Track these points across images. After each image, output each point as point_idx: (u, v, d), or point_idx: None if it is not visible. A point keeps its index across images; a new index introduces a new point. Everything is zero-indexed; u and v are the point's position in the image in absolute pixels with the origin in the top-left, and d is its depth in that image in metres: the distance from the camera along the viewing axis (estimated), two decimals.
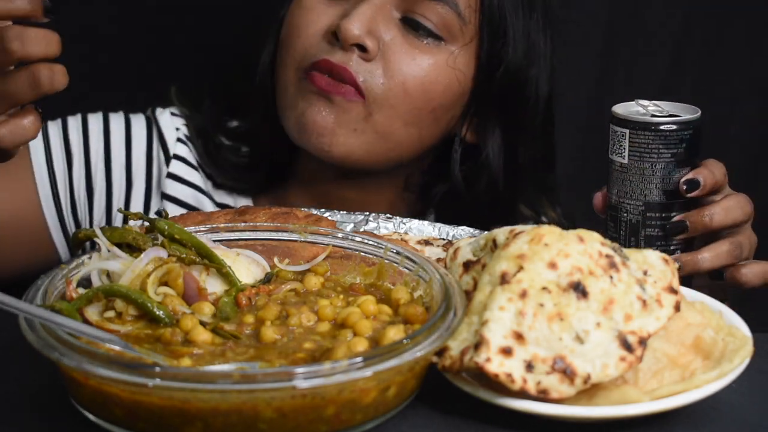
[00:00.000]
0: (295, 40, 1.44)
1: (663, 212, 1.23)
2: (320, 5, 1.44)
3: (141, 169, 1.56)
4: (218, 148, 1.56)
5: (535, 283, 0.93)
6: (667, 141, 1.21)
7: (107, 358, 0.85)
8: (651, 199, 1.23)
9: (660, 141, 1.21)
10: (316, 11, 1.44)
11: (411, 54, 1.41)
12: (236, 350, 0.94)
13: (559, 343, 0.91)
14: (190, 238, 1.04)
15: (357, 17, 1.38)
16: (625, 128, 1.22)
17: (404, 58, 1.41)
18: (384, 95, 1.41)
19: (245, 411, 0.85)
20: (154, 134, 1.58)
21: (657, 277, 0.97)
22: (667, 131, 1.21)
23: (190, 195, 1.55)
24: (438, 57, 1.42)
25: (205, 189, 1.57)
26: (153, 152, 1.57)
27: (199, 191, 1.57)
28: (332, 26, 1.41)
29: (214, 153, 1.56)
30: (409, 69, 1.41)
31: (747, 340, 0.97)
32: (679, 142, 1.21)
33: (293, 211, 1.26)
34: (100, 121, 1.57)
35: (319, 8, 1.44)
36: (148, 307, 0.97)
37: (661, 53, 2.00)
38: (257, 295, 1.04)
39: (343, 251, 1.12)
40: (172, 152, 1.57)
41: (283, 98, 1.46)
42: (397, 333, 0.95)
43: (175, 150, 1.57)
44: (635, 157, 1.23)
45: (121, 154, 1.56)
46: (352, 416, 0.89)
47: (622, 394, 0.92)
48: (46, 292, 0.97)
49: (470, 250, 1.05)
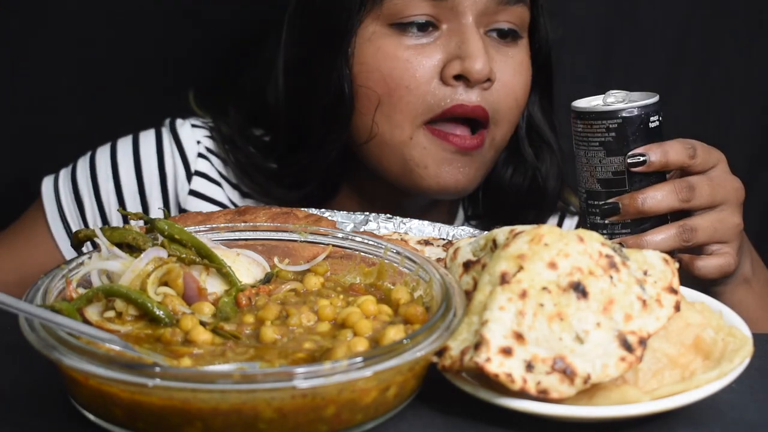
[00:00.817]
0: (405, 93, 1.38)
1: (600, 200, 1.23)
2: (417, 52, 1.39)
3: (156, 190, 1.55)
4: (248, 159, 1.54)
5: (535, 283, 0.93)
6: (594, 129, 1.22)
7: (107, 358, 0.85)
8: (590, 186, 1.24)
9: (587, 129, 1.22)
10: (417, 60, 1.39)
11: (510, 64, 1.43)
12: (236, 350, 0.94)
13: (559, 343, 0.91)
14: (190, 238, 1.04)
15: (479, 53, 1.36)
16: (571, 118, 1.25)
17: (508, 68, 1.42)
18: (503, 114, 1.43)
19: (245, 411, 0.85)
20: (168, 149, 1.56)
21: (657, 277, 0.97)
22: (592, 120, 1.22)
23: None
24: (524, 53, 1.45)
25: (228, 205, 1.56)
26: (167, 169, 1.55)
27: (222, 207, 1.56)
28: (451, 70, 1.37)
29: (244, 163, 1.54)
30: (515, 79, 1.43)
31: (747, 340, 0.97)
32: (606, 131, 1.21)
33: (293, 211, 1.26)
34: (107, 155, 1.56)
35: (417, 57, 1.39)
36: (148, 307, 0.97)
37: (660, 53, 2.00)
38: (257, 295, 1.04)
39: (343, 251, 1.12)
40: (193, 168, 1.55)
41: (396, 154, 1.41)
42: (397, 333, 0.95)
43: (197, 166, 1.56)
44: (575, 146, 1.25)
45: (131, 182, 1.55)
46: (352, 416, 0.89)
47: (622, 394, 0.92)
48: (46, 292, 0.97)
49: (470, 250, 1.04)
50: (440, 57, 1.39)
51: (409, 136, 1.40)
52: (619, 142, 1.21)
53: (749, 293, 1.33)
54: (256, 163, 1.53)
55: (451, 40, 1.39)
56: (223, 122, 1.57)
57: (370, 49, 1.40)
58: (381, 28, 1.40)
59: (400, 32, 1.39)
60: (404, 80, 1.38)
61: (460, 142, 1.40)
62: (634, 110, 1.21)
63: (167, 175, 1.55)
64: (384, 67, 1.39)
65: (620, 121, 1.21)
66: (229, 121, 1.57)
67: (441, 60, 1.39)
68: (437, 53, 1.39)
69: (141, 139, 1.57)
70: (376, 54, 1.40)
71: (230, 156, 1.55)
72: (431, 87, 1.39)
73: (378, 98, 1.40)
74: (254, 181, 1.53)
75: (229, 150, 1.55)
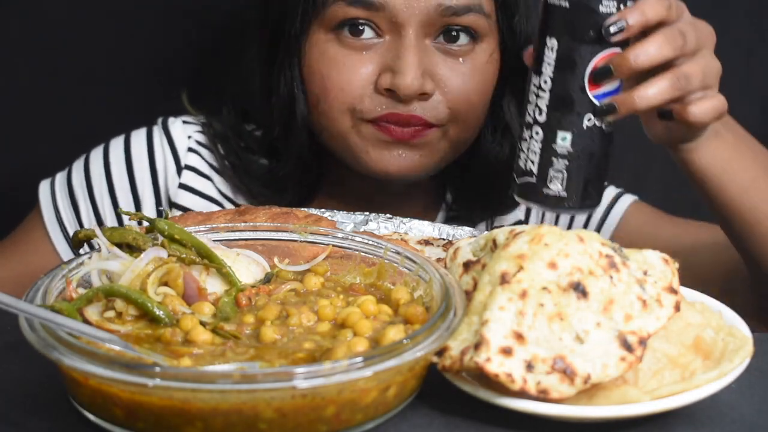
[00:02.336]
0: (339, 94, 1.42)
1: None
2: (352, 57, 1.41)
3: (147, 186, 1.56)
4: (241, 152, 1.57)
5: (535, 283, 0.93)
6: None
7: (107, 358, 0.85)
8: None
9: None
10: (351, 65, 1.41)
11: (460, 70, 1.42)
12: (236, 350, 0.94)
13: (559, 343, 0.91)
14: (190, 238, 1.04)
15: (410, 70, 1.37)
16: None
17: (456, 77, 1.42)
18: (454, 116, 1.43)
19: (245, 411, 0.85)
20: (158, 145, 1.57)
21: (657, 277, 0.97)
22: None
23: (203, 206, 1.55)
24: (480, 55, 1.44)
25: (217, 198, 1.58)
26: (158, 165, 1.57)
27: (212, 201, 1.57)
28: (383, 83, 1.39)
29: (236, 157, 1.57)
30: (465, 85, 1.43)
31: (747, 340, 0.96)
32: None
33: (293, 211, 1.26)
34: (100, 156, 1.58)
35: (352, 61, 1.41)
36: (148, 307, 0.97)
37: None
38: (257, 295, 1.04)
39: (343, 251, 1.12)
40: (183, 162, 1.57)
41: (342, 143, 1.46)
42: (397, 333, 0.95)
43: (186, 160, 1.57)
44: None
45: (123, 180, 1.56)
46: (352, 416, 0.89)
47: (622, 394, 0.92)
48: (46, 292, 0.97)
49: (470, 250, 1.05)
50: (375, 67, 1.41)
51: (351, 125, 1.44)
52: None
53: (721, 143, 1.27)
54: (247, 162, 1.56)
55: (390, 51, 1.40)
56: (216, 119, 1.60)
57: (315, 54, 1.44)
58: (324, 35, 1.43)
59: (340, 37, 1.42)
60: (339, 83, 1.42)
61: (398, 134, 1.42)
62: None
63: (158, 171, 1.57)
64: (323, 69, 1.43)
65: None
66: (222, 119, 1.59)
67: (375, 70, 1.41)
68: (373, 63, 1.41)
69: (132, 137, 1.59)
70: (319, 58, 1.43)
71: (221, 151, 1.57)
72: (365, 94, 1.41)
73: (317, 98, 1.45)
74: (242, 181, 1.56)
75: (220, 146, 1.58)
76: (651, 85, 1.15)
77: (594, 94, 1.15)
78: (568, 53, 1.15)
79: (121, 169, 1.56)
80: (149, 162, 1.57)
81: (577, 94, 1.15)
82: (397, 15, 1.38)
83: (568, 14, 1.14)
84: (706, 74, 1.18)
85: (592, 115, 1.15)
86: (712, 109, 1.19)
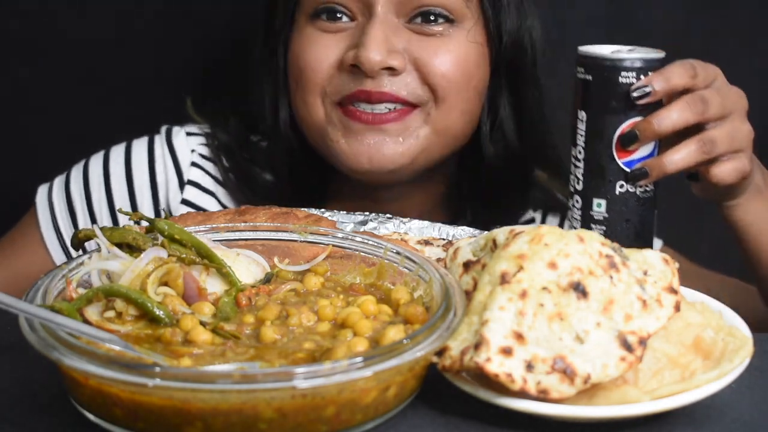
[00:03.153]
0: (311, 75, 1.43)
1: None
2: (325, 38, 1.43)
3: (147, 199, 1.55)
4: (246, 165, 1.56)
5: (535, 283, 0.93)
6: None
7: (107, 358, 0.85)
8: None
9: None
10: (323, 44, 1.43)
11: (433, 46, 1.42)
12: (236, 350, 0.94)
13: (559, 343, 0.91)
14: (190, 238, 1.04)
15: (372, 44, 1.38)
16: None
17: (430, 53, 1.42)
18: (433, 94, 1.42)
19: (245, 411, 0.85)
20: (160, 157, 1.56)
21: (657, 277, 0.97)
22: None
23: None
24: (458, 36, 1.44)
25: None
26: (158, 178, 1.55)
27: None
28: (347, 58, 1.40)
29: (240, 170, 1.56)
30: (440, 60, 1.42)
31: (747, 340, 0.96)
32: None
33: (293, 211, 1.26)
34: (100, 163, 1.57)
35: (324, 41, 1.43)
36: (148, 307, 0.97)
37: None
38: (257, 295, 1.04)
39: (343, 251, 1.12)
40: (186, 177, 1.56)
41: (319, 136, 1.46)
42: (397, 333, 0.95)
43: (189, 175, 1.56)
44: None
45: (122, 190, 1.55)
46: (352, 416, 0.89)
47: (622, 394, 0.92)
48: (46, 292, 0.97)
49: (470, 250, 1.05)
50: (344, 46, 1.42)
51: (325, 114, 1.44)
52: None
53: (765, 203, 1.33)
54: (252, 176, 1.55)
55: (359, 31, 1.41)
56: (221, 129, 1.59)
57: (297, 39, 1.47)
58: (305, 21, 1.46)
59: (316, 22, 1.44)
60: (309, 63, 1.43)
61: (365, 118, 1.41)
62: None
63: (158, 184, 1.55)
64: (299, 51, 1.45)
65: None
66: (228, 128, 1.58)
67: (344, 49, 1.42)
68: (343, 42, 1.42)
69: (134, 147, 1.58)
70: (299, 42, 1.46)
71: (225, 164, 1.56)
72: (332, 73, 1.42)
73: (296, 84, 1.46)
74: (246, 196, 1.55)
75: (225, 159, 1.56)
76: (679, 149, 1.21)
77: (624, 162, 1.22)
78: (596, 123, 1.23)
79: (121, 179, 1.55)
80: (149, 175, 1.56)
81: (606, 162, 1.23)
82: None
83: (592, 86, 1.23)
84: (733, 138, 1.23)
85: (624, 182, 1.23)
86: (733, 170, 1.23)
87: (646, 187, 1.24)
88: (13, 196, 1.80)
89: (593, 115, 1.24)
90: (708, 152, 1.21)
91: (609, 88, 1.22)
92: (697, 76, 1.23)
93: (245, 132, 1.58)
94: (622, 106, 1.22)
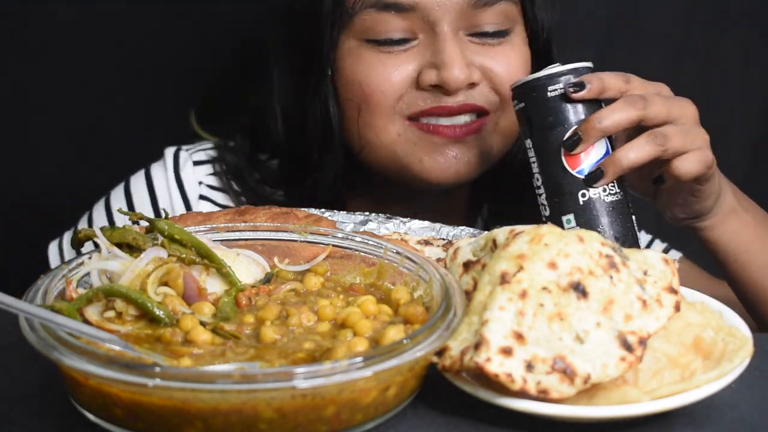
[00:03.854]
0: (381, 99, 1.40)
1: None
2: (390, 59, 1.40)
3: None
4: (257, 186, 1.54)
5: (535, 283, 0.93)
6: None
7: (107, 358, 0.85)
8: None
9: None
10: (391, 65, 1.40)
11: (498, 54, 1.42)
12: (236, 350, 0.94)
13: (559, 343, 0.91)
14: (190, 238, 1.04)
15: (454, 63, 1.37)
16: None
17: (498, 62, 1.42)
18: (503, 101, 1.43)
19: (245, 411, 0.85)
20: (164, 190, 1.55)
21: (657, 277, 0.97)
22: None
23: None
24: (514, 41, 1.44)
25: None
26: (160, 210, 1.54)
27: None
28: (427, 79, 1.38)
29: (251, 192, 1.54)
30: (508, 68, 1.42)
31: (747, 340, 0.96)
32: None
33: (293, 211, 1.26)
34: (102, 211, 1.57)
35: (391, 62, 1.40)
36: (148, 307, 0.97)
37: (661, 53, 2.00)
38: (257, 295, 1.04)
39: (343, 251, 1.12)
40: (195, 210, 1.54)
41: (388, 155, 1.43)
42: (397, 333, 0.95)
43: (198, 208, 1.55)
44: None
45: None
46: (352, 416, 0.89)
47: (622, 394, 0.92)
48: (46, 292, 0.97)
49: (470, 250, 1.04)
50: (415, 66, 1.40)
51: (398, 134, 1.42)
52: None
53: (740, 222, 1.33)
54: (263, 196, 1.53)
55: (428, 49, 1.40)
56: (228, 150, 1.57)
57: (349, 63, 1.42)
58: (356, 43, 1.42)
59: (376, 45, 1.41)
60: (379, 84, 1.40)
61: (450, 133, 1.41)
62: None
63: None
64: (361, 76, 1.41)
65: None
66: (235, 148, 1.57)
67: (416, 68, 1.40)
68: (413, 62, 1.40)
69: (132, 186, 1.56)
70: (355, 66, 1.42)
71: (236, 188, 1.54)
72: (407, 92, 1.40)
73: (358, 107, 1.42)
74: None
75: (234, 183, 1.54)
76: (631, 144, 1.22)
77: (577, 171, 1.23)
78: (542, 144, 1.25)
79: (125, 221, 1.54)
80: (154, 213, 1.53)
81: (561, 176, 1.24)
82: (430, 13, 1.38)
83: (528, 111, 1.26)
84: (687, 134, 1.22)
85: (585, 190, 1.23)
86: (697, 161, 1.23)
87: (611, 190, 1.23)
88: (13, 196, 1.80)
89: (537, 137, 1.26)
90: (661, 144, 1.20)
91: (542, 105, 1.25)
92: (632, 82, 1.24)
93: (253, 150, 1.56)
94: (559, 118, 1.24)
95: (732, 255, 1.33)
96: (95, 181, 1.67)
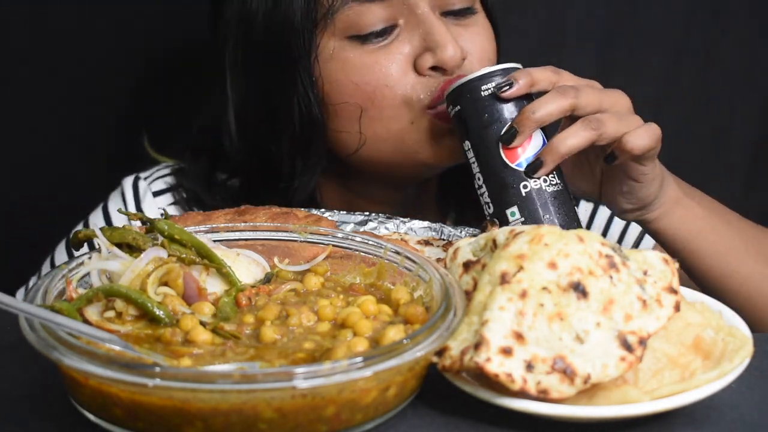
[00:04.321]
0: (386, 92, 1.36)
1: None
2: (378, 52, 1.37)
3: None
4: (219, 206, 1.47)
5: (535, 283, 0.93)
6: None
7: (107, 358, 0.85)
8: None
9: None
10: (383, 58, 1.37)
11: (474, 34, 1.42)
12: (236, 350, 0.94)
13: (559, 343, 0.91)
14: (190, 238, 1.04)
15: (447, 41, 1.36)
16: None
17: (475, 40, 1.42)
18: None
19: (245, 411, 0.85)
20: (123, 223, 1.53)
21: (657, 277, 0.97)
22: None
23: None
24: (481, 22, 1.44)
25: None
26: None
27: None
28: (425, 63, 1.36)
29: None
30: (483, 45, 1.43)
31: (747, 340, 0.96)
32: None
33: (293, 211, 1.26)
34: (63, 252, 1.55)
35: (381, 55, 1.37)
36: (148, 307, 0.97)
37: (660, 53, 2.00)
38: (257, 295, 1.04)
39: (343, 251, 1.12)
40: None
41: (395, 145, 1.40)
42: (397, 333, 0.95)
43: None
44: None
45: None
46: (352, 416, 0.89)
47: (622, 394, 0.92)
48: (46, 292, 0.97)
49: (470, 250, 1.05)
50: (408, 51, 1.38)
51: (410, 121, 1.39)
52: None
53: (686, 211, 1.33)
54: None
55: (414, 33, 1.38)
56: (184, 176, 1.53)
57: (336, 66, 1.38)
58: (340, 42, 1.38)
59: (360, 42, 1.37)
60: (381, 80, 1.37)
61: None
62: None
63: None
64: (355, 77, 1.37)
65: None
66: (190, 173, 1.53)
67: (410, 53, 1.38)
68: (404, 47, 1.38)
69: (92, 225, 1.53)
70: (344, 68, 1.38)
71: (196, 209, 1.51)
72: (410, 79, 1.38)
73: (359, 108, 1.38)
74: None
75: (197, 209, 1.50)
76: (567, 131, 1.22)
77: (517, 164, 1.24)
78: (479, 143, 1.26)
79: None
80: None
81: (501, 170, 1.25)
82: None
83: (463, 113, 1.28)
84: (620, 119, 1.23)
85: (526, 182, 1.24)
86: (646, 134, 1.23)
87: (551, 181, 1.24)
88: (13, 196, 1.80)
89: (474, 137, 1.26)
90: (596, 128, 1.21)
91: (476, 105, 1.26)
92: (562, 74, 1.25)
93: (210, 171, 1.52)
94: (495, 116, 1.25)
95: (681, 244, 1.34)
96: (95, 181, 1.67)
